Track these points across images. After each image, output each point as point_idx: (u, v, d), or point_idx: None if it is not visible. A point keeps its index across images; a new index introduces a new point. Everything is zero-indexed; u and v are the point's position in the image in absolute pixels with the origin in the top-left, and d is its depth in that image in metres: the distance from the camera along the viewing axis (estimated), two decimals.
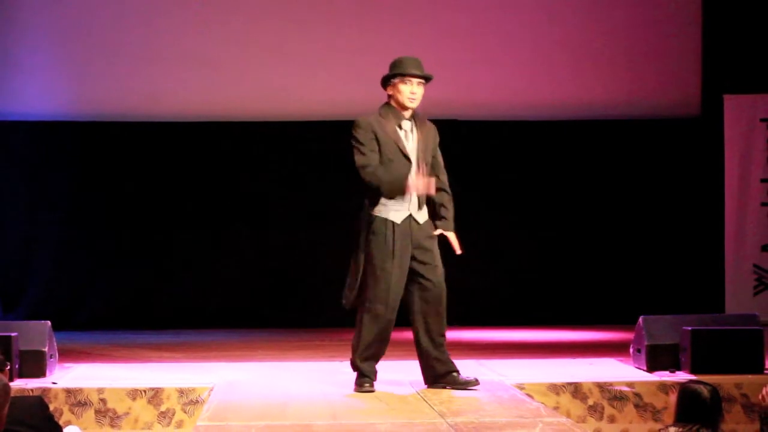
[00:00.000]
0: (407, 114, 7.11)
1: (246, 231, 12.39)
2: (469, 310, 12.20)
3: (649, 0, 12.53)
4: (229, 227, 12.38)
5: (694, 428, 5.28)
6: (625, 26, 12.48)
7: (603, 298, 12.29)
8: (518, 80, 12.44)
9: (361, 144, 7.03)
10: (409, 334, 7.14)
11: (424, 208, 7.12)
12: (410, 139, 7.08)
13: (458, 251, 7.10)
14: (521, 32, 12.43)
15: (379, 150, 7.00)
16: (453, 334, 11.18)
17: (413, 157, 7.03)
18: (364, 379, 7.12)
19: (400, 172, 6.96)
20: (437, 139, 7.23)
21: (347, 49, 12.22)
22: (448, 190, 7.26)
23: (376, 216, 7.01)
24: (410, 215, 7.04)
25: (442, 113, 12.03)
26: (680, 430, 5.29)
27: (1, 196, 12.23)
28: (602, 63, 12.46)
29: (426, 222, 7.12)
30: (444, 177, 7.26)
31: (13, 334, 7.73)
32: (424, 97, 7.17)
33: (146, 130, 12.30)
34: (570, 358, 9.06)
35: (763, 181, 12.29)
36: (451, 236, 7.16)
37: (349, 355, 7.20)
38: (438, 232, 7.14)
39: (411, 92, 7.05)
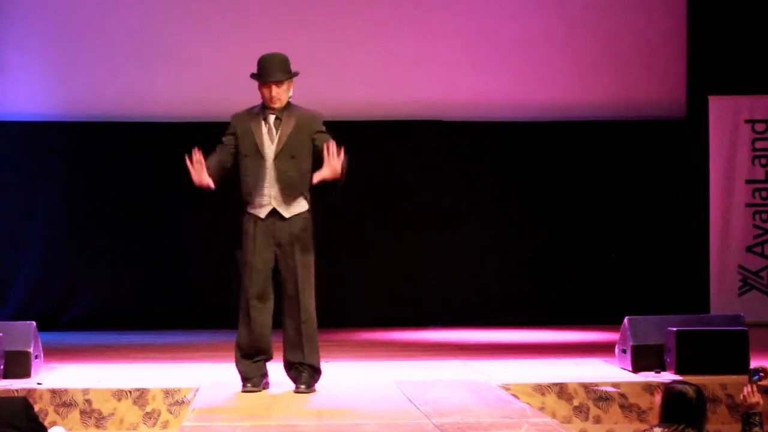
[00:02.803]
0: (275, 109, 7.05)
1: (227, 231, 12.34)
2: (454, 311, 12.25)
3: (635, 2, 12.55)
4: (208, 228, 12.32)
5: (680, 428, 5.28)
6: (611, 28, 12.49)
7: (589, 299, 12.30)
8: (504, 81, 12.43)
9: (223, 139, 7.13)
10: (395, 335, 7.13)
11: (295, 204, 7.01)
12: (273, 133, 7.01)
13: (334, 160, 6.79)
14: (507, 34, 12.42)
15: (239, 145, 7.03)
16: (439, 335, 11.31)
17: (271, 152, 6.96)
18: (244, 381, 7.16)
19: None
20: (315, 126, 7.06)
21: (334, 48, 12.19)
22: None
23: (245, 211, 7.05)
24: (273, 209, 6.99)
25: (426, 114, 12.11)
26: (665, 430, 5.29)
27: None
28: (588, 65, 12.47)
29: (295, 216, 7.01)
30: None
31: None
32: (408, 97, 7.13)
33: (134, 130, 12.26)
34: (555, 358, 9.07)
35: (748, 182, 12.33)
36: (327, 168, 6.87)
37: (332, 354, 7.20)
38: (318, 177, 6.89)
39: (269, 95, 7.01)
